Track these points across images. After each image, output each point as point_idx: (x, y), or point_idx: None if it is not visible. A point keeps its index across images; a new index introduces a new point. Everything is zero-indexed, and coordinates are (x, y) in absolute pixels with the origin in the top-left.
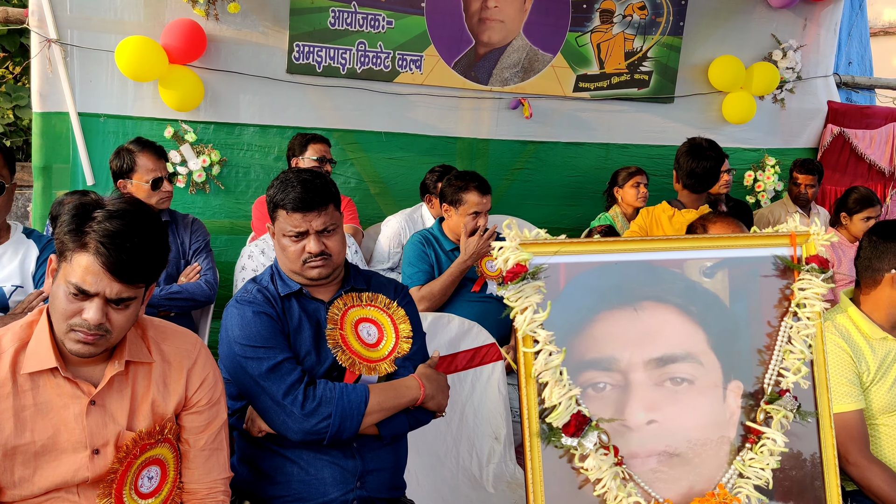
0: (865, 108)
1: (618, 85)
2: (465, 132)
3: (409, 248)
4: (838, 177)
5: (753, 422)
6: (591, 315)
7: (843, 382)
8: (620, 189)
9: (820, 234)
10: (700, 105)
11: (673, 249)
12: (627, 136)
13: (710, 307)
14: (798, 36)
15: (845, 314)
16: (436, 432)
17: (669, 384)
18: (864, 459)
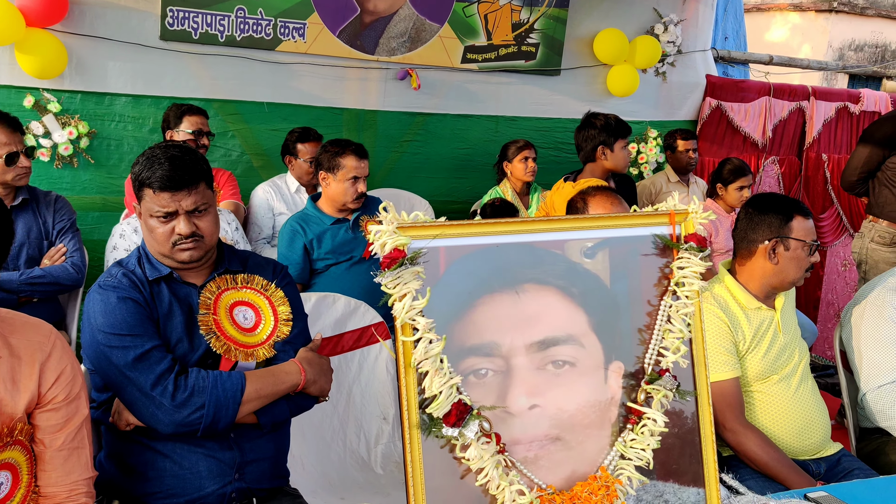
0: (741, 82)
1: (505, 57)
2: (352, 103)
3: (281, 237)
4: (716, 149)
5: (634, 402)
6: (471, 300)
7: (720, 352)
8: (510, 163)
9: (698, 213)
10: (586, 78)
11: (554, 230)
12: (516, 108)
13: (592, 288)
14: (678, 10)
15: (723, 284)
16: (322, 415)
17: (551, 367)
18: (739, 425)
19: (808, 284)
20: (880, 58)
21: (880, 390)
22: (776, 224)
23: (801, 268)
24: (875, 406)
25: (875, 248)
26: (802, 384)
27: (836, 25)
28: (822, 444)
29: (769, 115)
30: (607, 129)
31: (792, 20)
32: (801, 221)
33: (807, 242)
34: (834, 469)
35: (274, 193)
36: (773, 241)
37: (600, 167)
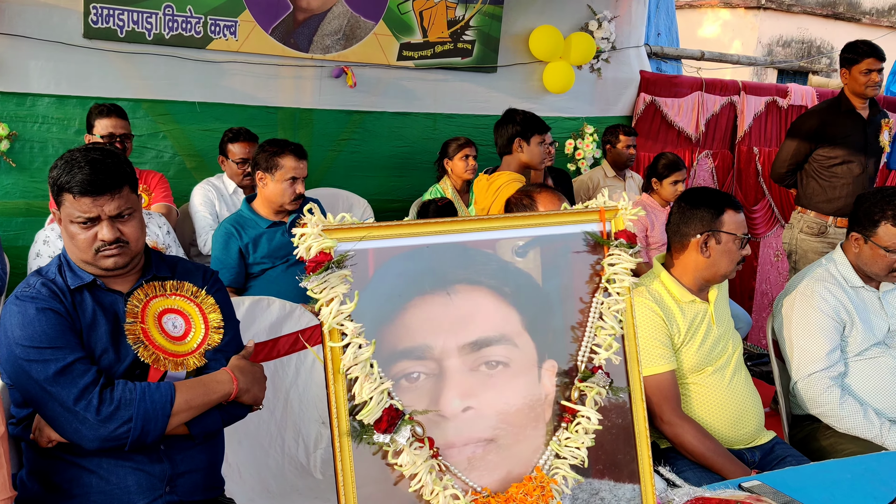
0: (674, 78)
1: (441, 54)
2: (287, 102)
3: (215, 238)
4: (650, 144)
5: (568, 401)
6: (402, 302)
7: (656, 345)
8: (450, 161)
9: (628, 209)
10: (522, 75)
11: (485, 230)
12: (454, 105)
13: (524, 287)
14: (612, 7)
15: (658, 279)
16: (259, 422)
17: (485, 368)
18: (676, 417)
19: (742, 275)
20: (806, 53)
21: (810, 378)
22: (708, 218)
23: (733, 261)
24: (805, 394)
25: (804, 238)
26: (736, 375)
27: (764, 22)
28: (757, 433)
29: (702, 110)
30: (525, 123)
31: (723, 17)
32: (733, 215)
33: (738, 236)
34: (768, 457)
35: (214, 192)
36: (705, 234)
37: (516, 160)
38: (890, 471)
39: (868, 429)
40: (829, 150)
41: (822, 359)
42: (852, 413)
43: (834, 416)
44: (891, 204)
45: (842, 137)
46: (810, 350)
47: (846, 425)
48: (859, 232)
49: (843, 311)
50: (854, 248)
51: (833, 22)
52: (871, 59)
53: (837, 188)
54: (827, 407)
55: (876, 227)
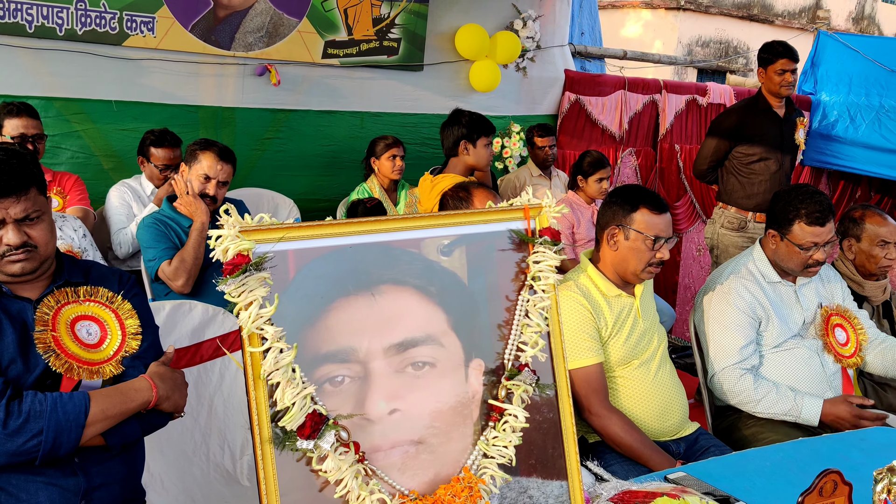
0: (597, 77)
1: (367, 52)
2: (208, 100)
3: (142, 233)
4: (576, 142)
5: (495, 399)
6: (325, 304)
7: (584, 338)
8: (377, 160)
9: (551, 207)
10: (449, 73)
11: (410, 229)
12: (380, 104)
13: (449, 286)
14: (536, 6)
15: (585, 274)
16: (182, 430)
17: (411, 370)
18: (604, 409)
19: (665, 270)
20: (724, 53)
21: (724, 372)
22: (620, 213)
23: (641, 260)
24: (721, 387)
25: (725, 233)
26: (661, 368)
27: (684, 22)
28: (682, 425)
29: (625, 109)
30: (471, 125)
31: (644, 17)
32: (646, 214)
33: (647, 236)
34: (692, 448)
35: (131, 194)
36: (612, 227)
37: (462, 162)
38: (806, 457)
39: (783, 404)
40: (748, 147)
41: (736, 353)
42: (766, 393)
43: (750, 401)
44: (805, 203)
45: (759, 135)
46: (725, 345)
47: (763, 407)
48: (775, 229)
49: (759, 307)
50: (771, 244)
51: (748, 23)
52: (786, 60)
53: (756, 184)
54: (743, 395)
55: (791, 226)
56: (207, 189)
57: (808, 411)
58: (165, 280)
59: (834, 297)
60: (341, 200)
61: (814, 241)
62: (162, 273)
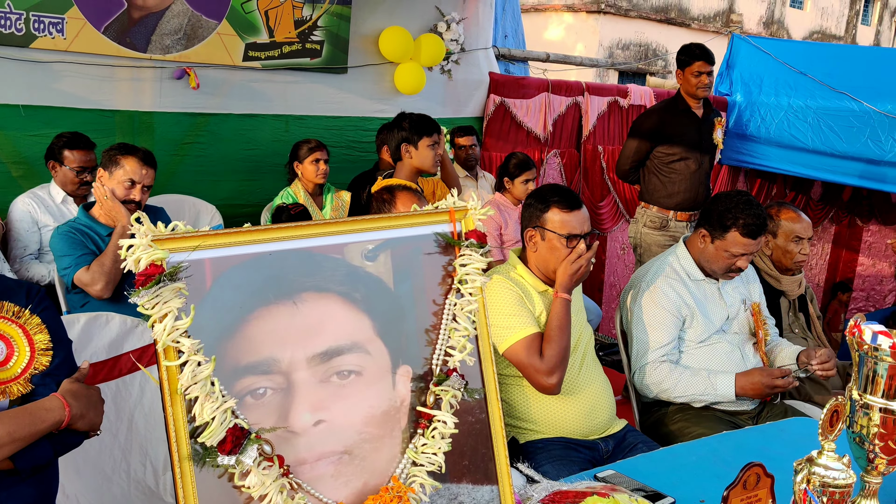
0: (521, 79)
1: (289, 54)
2: (124, 104)
3: (56, 241)
4: (501, 144)
5: (424, 406)
6: (245, 314)
7: (520, 312)
8: (301, 164)
9: (477, 209)
10: (373, 76)
11: (332, 234)
12: (304, 107)
13: (375, 292)
14: (459, 9)
15: (515, 270)
16: (100, 447)
17: (336, 379)
18: (547, 363)
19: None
20: (644, 56)
21: (645, 367)
22: (535, 214)
23: (560, 258)
24: (643, 382)
25: (647, 232)
26: (588, 366)
27: (604, 26)
28: (609, 422)
29: (549, 111)
30: (411, 127)
31: (566, 20)
32: (558, 213)
33: (560, 235)
34: (621, 445)
35: (37, 205)
36: (529, 230)
37: (407, 166)
38: (731, 450)
39: (698, 384)
40: (668, 147)
41: (657, 350)
42: (682, 377)
43: (670, 388)
44: (744, 214)
45: (679, 135)
46: (646, 341)
47: (681, 390)
48: (708, 230)
49: (684, 306)
50: (700, 243)
51: (667, 27)
52: (702, 62)
53: (676, 183)
54: (663, 384)
55: (726, 232)
56: (133, 195)
57: (723, 387)
58: (83, 286)
59: (752, 296)
60: (265, 206)
61: (743, 251)
62: (78, 280)
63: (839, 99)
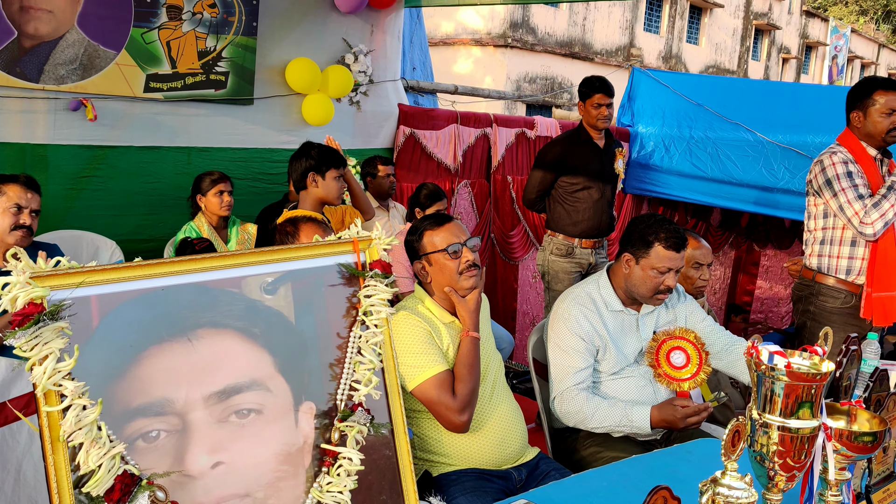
0: (430, 111)
1: (193, 85)
2: (15, 137)
3: None
4: (412, 175)
5: (328, 443)
6: (135, 353)
7: (429, 349)
8: (204, 197)
9: (381, 238)
10: (280, 107)
11: (228, 267)
12: (208, 139)
13: (275, 326)
14: (367, 41)
15: (421, 302)
16: None
17: (235, 418)
18: (459, 402)
19: (504, 296)
20: (549, 88)
21: (562, 394)
22: (414, 247)
23: (451, 274)
24: (560, 409)
25: (554, 259)
26: (498, 395)
27: (512, 60)
28: (522, 451)
29: (458, 142)
30: (320, 157)
31: (475, 54)
32: (431, 235)
33: (443, 250)
34: (534, 473)
35: None
36: (416, 262)
37: (312, 196)
38: (640, 474)
39: (614, 414)
40: (571, 177)
41: (573, 376)
42: (597, 407)
43: (585, 418)
44: (664, 228)
45: (581, 165)
46: (564, 367)
47: (597, 421)
48: (631, 253)
49: (596, 336)
50: (624, 268)
51: (571, 60)
52: (601, 95)
53: (581, 212)
54: (579, 415)
55: (649, 248)
56: (22, 219)
57: (638, 419)
58: None
59: (677, 320)
60: (168, 241)
61: (669, 265)
62: None
63: (735, 130)
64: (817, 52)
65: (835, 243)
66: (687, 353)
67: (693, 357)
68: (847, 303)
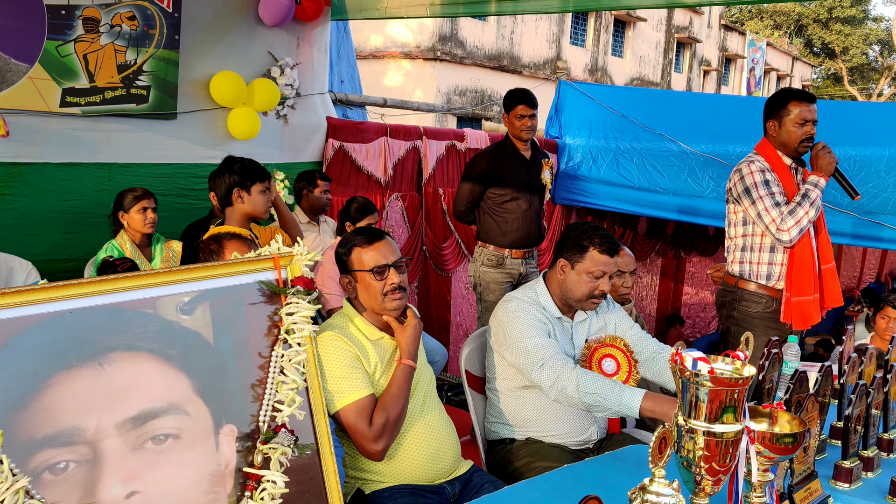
0: (359, 124)
1: (113, 100)
2: None
3: None
4: (342, 188)
5: (251, 466)
6: (41, 381)
7: (354, 373)
8: (126, 214)
9: (303, 254)
10: (205, 121)
11: (142, 287)
12: (130, 154)
13: (192, 348)
14: (293, 54)
15: (348, 319)
16: None
17: (151, 445)
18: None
19: (437, 308)
20: (479, 101)
21: (543, 364)
22: (343, 260)
23: (375, 293)
24: (546, 378)
25: (485, 270)
26: (430, 409)
27: (442, 73)
28: (455, 465)
29: (388, 155)
30: (244, 172)
31: (404, 67)
32: (359, 252)
33: (366, 270)
34: (467, 486)
35: None
36: (342, 277)
37: (238, 212)
38: (572, 483)
39: (605, 382)
40: (499, 189)
41: (547, 349)
42: (587, 373)
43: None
44: (597, 233)
45: (509, 177)
46: (535, 344)
47: (588, 385)
48: (567, 258)
49: (550, 329)
50: (560, 274)
51: (500, 74)
52: (524, 106)
53: (509, 222)
54: (569, 379)
55: (585, 253)
56: None
57: (629, 398)
58: None
59: (607, 328)
60: (89, 260)
61: (603, 269)
62: None
63: (660, 140)
64: (736, 65)
65: (755, 250)
66: (617, 360)
67: (623, 364)
68: (768, 307)
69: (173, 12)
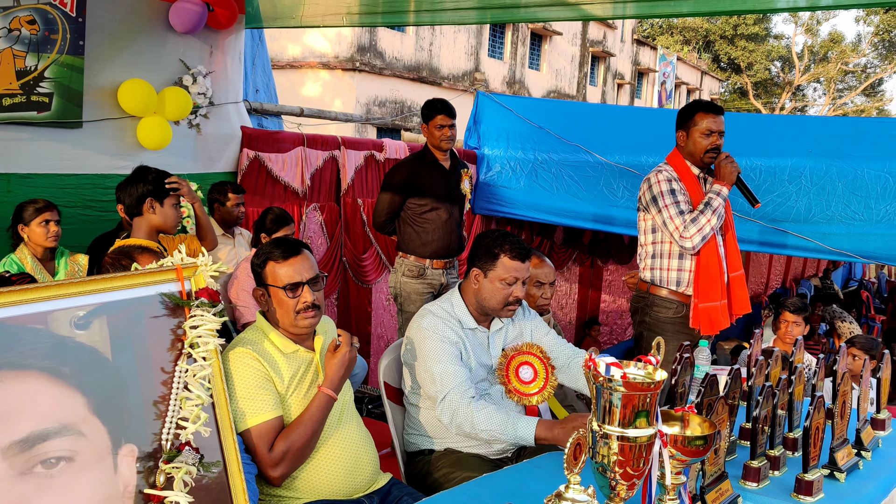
0: (275, 134)
1: (12, 107)
2: None
3: None
4: (258, 199)
5: (153, 487)
6: None
7: (263, 394)
8: (27, 227)
9: (208, 265)
10: (113, 131)
11: (31, 301)
12: (31, 164)
13: (88, 364)
14: (206, 62)
15: (262, 333)
16: None
17: (41, 469)
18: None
19: (358, 320)
20: (399, 112)
21: (445, 398)
22: (258, 273)
23: (287, 310)
24: (446, 414)
25: (406, 280)
26: (347, 423)
27: (361, 83)
28: (373, 478)
29: (306, 165)
30: (157, 183)
31: (323, 77)
32: (273, 266)
33: (278, 287)
34: (386, 500)
35: None
36: (255, 290)
37: (147, 223)
38: (490, 493)
39: (500, 416)
40: (419, 199)
41: (453, 378)
42: (485, 407)
43: (473, 417)
44: (507, 240)
45: (428, 187)
46: (442, 375)
47: (485, 422)
48: (479, 267)
49: (462, 346)
50: (474, 283)
51: (419, 85)
52: (443, 116)
53: (430, 232)
54: (466, 416)
55: (496, 260)
56: None
57: (523, 429)
58: None
59: (524, 335)
60: None
61: (516, 275)
62: None
63: (576, 151)
64: (648, 78)
65: (664, 256)
66: (534, 367)
67: (540, 371)
68: (679, 313)
69: (77, 17)
